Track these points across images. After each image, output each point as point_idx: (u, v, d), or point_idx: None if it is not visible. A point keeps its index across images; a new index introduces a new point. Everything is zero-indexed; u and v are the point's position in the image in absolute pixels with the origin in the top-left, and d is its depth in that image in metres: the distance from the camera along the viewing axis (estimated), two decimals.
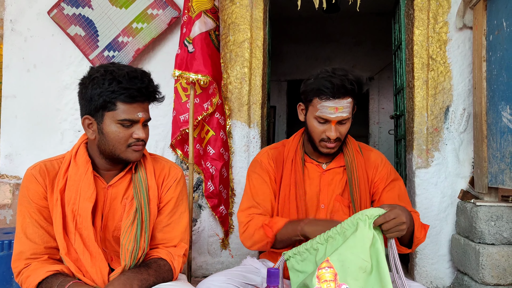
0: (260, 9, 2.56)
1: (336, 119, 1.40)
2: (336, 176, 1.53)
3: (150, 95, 1.25)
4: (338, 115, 1.39)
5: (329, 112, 1.38)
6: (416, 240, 1.36)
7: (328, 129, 1.41)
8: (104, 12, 2.48)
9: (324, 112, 1.39)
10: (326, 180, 1.52)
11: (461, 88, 2.44)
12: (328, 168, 1.54)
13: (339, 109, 1.38)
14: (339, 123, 1.42)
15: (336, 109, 1.38)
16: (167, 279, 1.25)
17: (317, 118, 1.42)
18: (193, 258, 2.48)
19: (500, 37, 2.05)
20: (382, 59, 5.92)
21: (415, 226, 1.33)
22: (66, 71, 2.60)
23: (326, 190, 1.51)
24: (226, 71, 2.53)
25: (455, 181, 2.42)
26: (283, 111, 6.75)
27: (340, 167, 1.54)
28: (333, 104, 1.37)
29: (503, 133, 2.01)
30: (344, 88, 1.36)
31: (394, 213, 1.17)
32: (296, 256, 1.27)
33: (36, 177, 1.24)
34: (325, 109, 1.39)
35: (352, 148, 1.55)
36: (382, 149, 6.33)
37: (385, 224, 1.17)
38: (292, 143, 1.59)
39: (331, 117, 1.39)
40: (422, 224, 1.39)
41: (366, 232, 1.15)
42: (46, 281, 1.15)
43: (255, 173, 1.55)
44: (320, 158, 1.56)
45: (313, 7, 2.45)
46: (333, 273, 1.10)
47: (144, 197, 1.29)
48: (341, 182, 1.52)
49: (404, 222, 1.18)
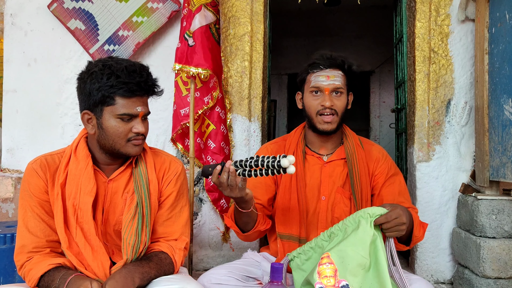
0: (261, 3, 2.54)
1: (329, 87, 1.46)
2: (337, 168, 1.54)
3: (149, 89, 1.25)
4: (330, 82, 1.46)
5: (322, 80, 1.47)
6: (415, 238, 1.38)
7: (322, 99, 1.47)
8: (104, 5, 2.46)
9: (317, 80, 1.47)
10: (327, 172, 1.53)
11: (463, 81, 2.43)
12: (329, 160, 1.54)
13: (331, 77, 1.47)
14: (333, 93, 1.48)
15: (327, 77, 1.47)
16: (168, 272, 1.26)
17: (312, 91, 1.49)
18: (194, 252, 2.49)
19: (503, 29, 2.04)
20: (383, 52, 5.90)
21: (414, 225, 1.35)
22: (67, 65, 2.59)
23: (327, 182, 1.52)
24: (227, 64, 2.52)
25: (456, 175, 2.41)
26: (283, 105, 6.74)
27: (341, 159, 1.54)
28: (324, 73, 1.48)
29: (504, 127, 2.01)
30: (334, 59, 1.48)
31: (396, 213, 1.20)
32: (300, 256, 1.28)
33: (37, 171, 1.25)
34: (318, 78, 1.48)
35: (353, 140, 1.56)
36: (383, 142, 6.33)
37: (386, 223, 1.19)
38: (293, 136, 1.60)
39: (323, 84, 1.47)
40: (421, 223, 1.40)
41: (368, 230, 1.16)
42: (48, 274, 1.16)
43: None
44: (321, 150, 1.56)
45: (314, 1, 2.44)
46: (333, 269, 1.11)
47: (145, 191, 1.29)
48: (342, 174, 1.53)
49: (405, 222, 1.21)
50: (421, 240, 1.44)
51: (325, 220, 1.50)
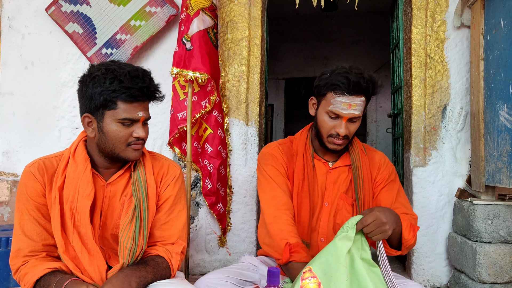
0: (258, 7, 2.56)
1: (348, 116, 1.39)
2: (341, 174, 1.53)
3: (151, 94, 1.25)
4: (350, 111, 1.38)
5: (342, 108, 1.38)
6: (405, 241, 1.33)
7: (338, 125, 1.41)
8: (102, 9, 2.47)
9: (337, 107, 1.38)
10: (332, 178, 1.53)
11: (459, 86, 2.44)
12: (334, 166, 1.54)
13: (353, 106, 1.38)
14: (349, 120, 1.41)
15: (349, 105, 1.38)
16: (165, 277, 1.25)
17: (329, 112, 1.41)
18: (191, 256, 2.48)
19: (498, 36, 2.06)
20: (380, 57, 5.93)
21: (403, 227, 1.32)
22: (64, 69, 2.59)
23: (331, 188, 1.52)
24: (224, 69, 2.53)
25: (452, 180, 2.42)
26: (281, 109, 6.75)
27: (346, 166, 1.54)
28: (347, 100, 1.37)
29: (500, 132, 2.02)
30: (359, 85, 1.36)
31: (372, 216, 1.19)
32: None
33: (34, 175, 1.24)
34: (339, 104, 1.38)
35: (358, 147, 1.55)
36: (380, 147, 6.34)
37: (365, 228, 1.19)
38: (300, 138, 1.57)
39: (343, 113, 1.38)
40: (411, 225, 1.35)
41: (346, 240, 1.17)
42: (44, 279, 1.15)
43: (269, 165, 1.50)
44: (326, 156, 1.55)
45: (311, 6, 2.45)
46: (317, 283, 1.10)
47: (143, 195, 1.29)
48: (346, 180, 1.52)
49: (385, 222, 1.20)
50: (414, 245, 1.39)
51: (326, 226, 1.50)
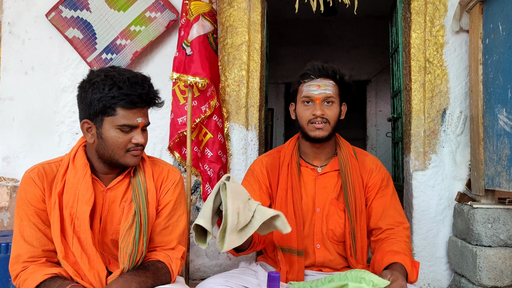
0: (258, 12, 2.57)
1: (320, 96, 1.47)
2: (331, 179, 1.53)
3: (150, 101, 1.25)
4: (321, 91, 1.47)
5: (313, 90, 1.48)
6: (410, 282, 1.35)
7: (313, 109, 1.48)
8: (102, 15, 2.48)
9: (308, 90, 1.48)
10: (321, 184, 1.53)
11: (458, 91, 2.45)
12: (323, 172, 1.54)
13: (322, 86, 1.48)
14: (325, 103, 1.48)
15: (319, 86, 1.48)
16: (165, 282, 1.25)
17: (303, 101, 1.50)
18: (191, 261, 2.48)
19: (496, 40, 2.07)
20: (379, 62, 5.95)
21: (408, 274, 1.32)
22: (64, 74, 2.59)
23: (321, 194, 1.52)
24: (224, 73, 2.53)
25: (452, 184, 2.42)
26: (280, 113, 6.76)
27: (335, 171, 1.54)
28: (315, 83, 1.49)
29: (499, 136, 2.03)
30: (325, 69, 1.48)
31: (399, 285, 1.17)
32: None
33: (34, 180, 1.24)
34: (309, 88, 1.49)
35: (346, 151, 1.56)
36: (380, 151, 6.35)
37: None
38: (287, 148, 1.60)
39: (315, 93, 1.47)
40: (413, 266, 1.35)
41: None
42: (44, 284, 1.15)
43: (246, 181, 1.61)
44: (316, 161, 1.56)
45: (311, 10, 2.46)
46: None
47: (143, 200, 1.29)
48: (336, 186, 1.53)
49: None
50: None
51: (320, 232, 1.50)
